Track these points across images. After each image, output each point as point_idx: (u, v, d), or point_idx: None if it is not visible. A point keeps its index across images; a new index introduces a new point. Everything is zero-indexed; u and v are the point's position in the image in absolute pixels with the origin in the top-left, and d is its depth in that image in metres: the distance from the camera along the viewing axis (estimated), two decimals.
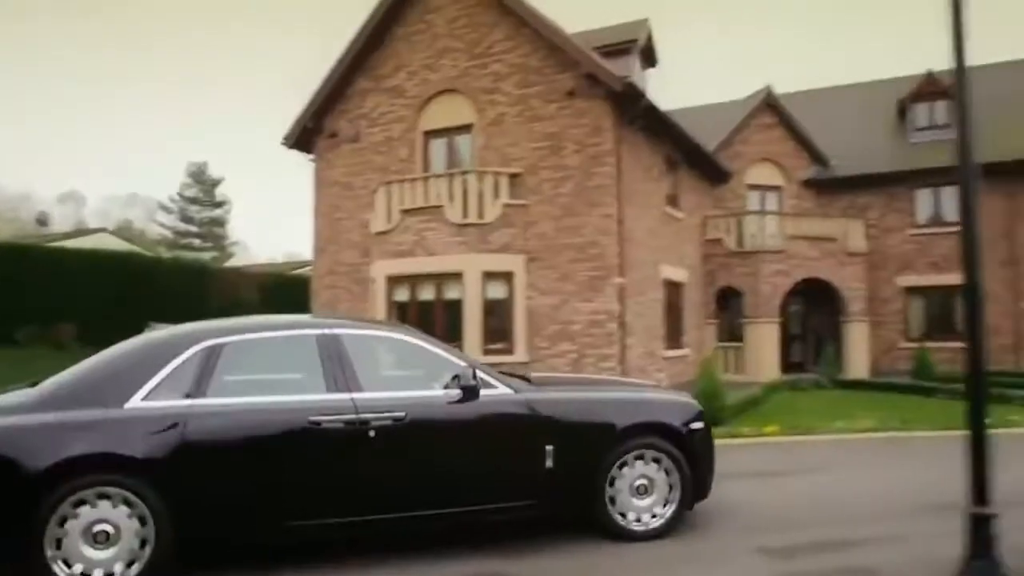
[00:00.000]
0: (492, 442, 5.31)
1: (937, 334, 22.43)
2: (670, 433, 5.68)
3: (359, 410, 4.94)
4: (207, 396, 4.79)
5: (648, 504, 5.57)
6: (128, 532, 4.48)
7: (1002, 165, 21.36)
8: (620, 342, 14.53)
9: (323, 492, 4.91)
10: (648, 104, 15.15)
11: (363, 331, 5.53)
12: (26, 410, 4.57)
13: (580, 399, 5.71)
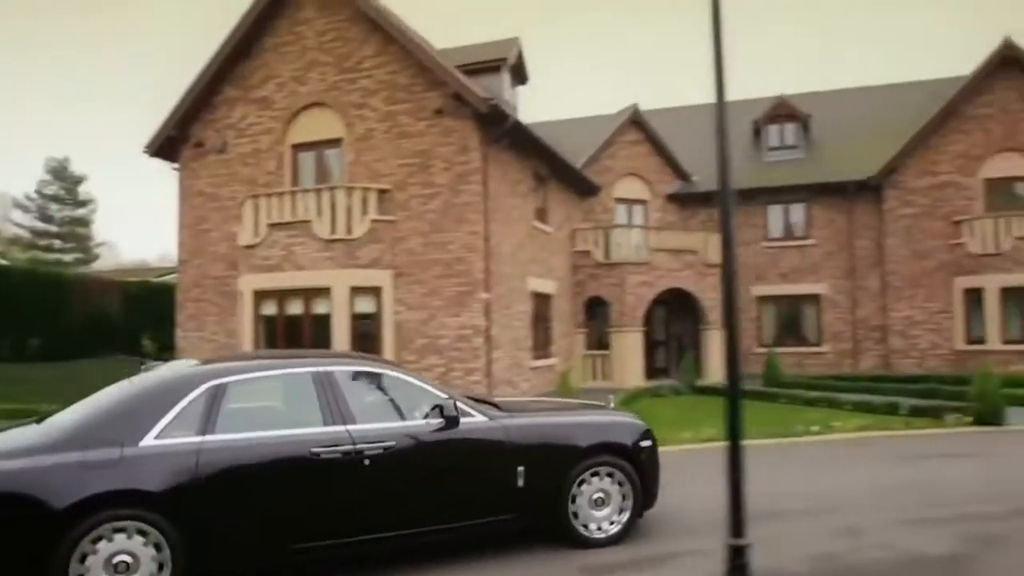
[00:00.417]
0: (471, 465, 5.86)
1: (786, 339, 24.14)
2: (623, 451, 6.33)
3: (355, 441, 5.40)
4: (216, 432, 5.12)
5: (605, 514, 6.20)
6: (147, 562, 4.76)
7: (843, 184, 23.21)
8: (486, 355, 14.96)
9: (324, 517, 5.32)
10: (514, 124, 15.64)
11: (353, 367, 5.96)
12: (47, 450, 4.76)
13: (546, 423, 6.36)
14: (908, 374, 20.98)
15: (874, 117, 25.31)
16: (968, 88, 22.05)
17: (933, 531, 6.32)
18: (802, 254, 23.93)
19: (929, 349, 22.29)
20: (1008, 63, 21.84)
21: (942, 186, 22.36)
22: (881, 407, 13.98)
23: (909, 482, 8.19)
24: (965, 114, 22.24)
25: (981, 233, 21.24)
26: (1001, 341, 20.89)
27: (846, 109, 26.37)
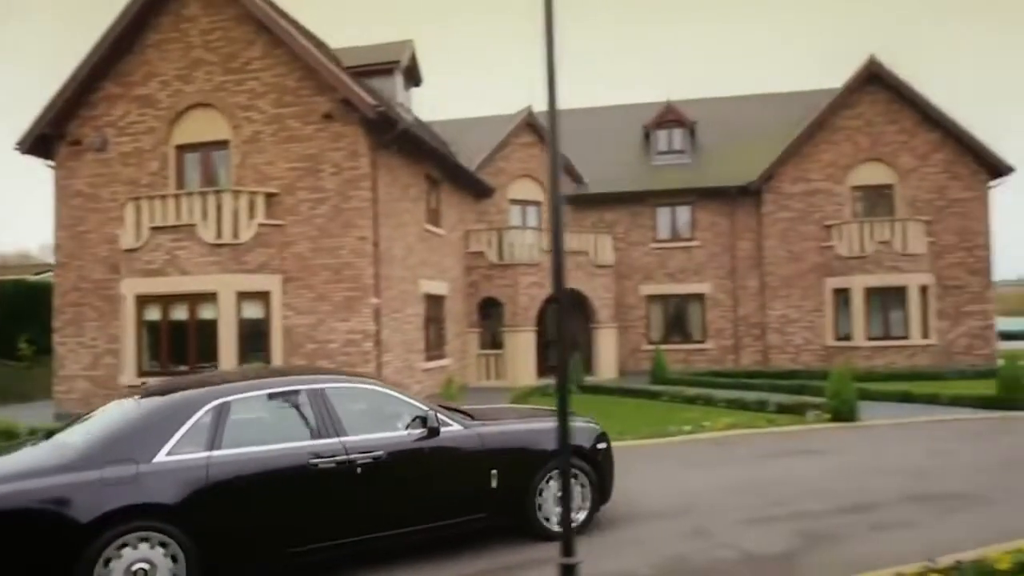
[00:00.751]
0: (451, 470, 6.42)
1: (673, 337, 25.17)
2: (582, 453, 7.00)
3: (348, 451, 5.93)
4: (222, 448, 5.55)
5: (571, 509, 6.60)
6: (163, 569, 5.16)
7: (726, 189, 24.33)
8: (376, 359, 15.08)
9: (321, 521, 5.80)
10: (404, 129, 15.77)
11: (343, 384, 6.46)
12: (68, 469, 5.10)
13: (516, 430, 6.93)
14: (783, 369, 22.30)
15: (756, 125, 26.60)
16: (837, 102, 23.49)
17: (773, 529, 6.91)
18: (688, 255, 24.97)
19: (803, 345, 23.69)
20: (873, 79, 23.39)
21: (814, 192, 23.77)
22: (752, 404, 14.84)
23: (761, 481, 8.85)
24: (835, 126, 23.70)
25: (848, 237, 22.72)
26: (865, 338, 22.42)
27: (731, 116, 27.60)
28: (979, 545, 6.10)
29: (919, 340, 22.22)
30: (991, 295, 23.23)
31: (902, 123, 23.33)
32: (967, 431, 12.08)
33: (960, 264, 22.93)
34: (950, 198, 23.05)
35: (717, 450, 11.05)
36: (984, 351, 22.72)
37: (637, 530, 7.02)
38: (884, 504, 7.70)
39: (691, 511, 7.57)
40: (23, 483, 5.00)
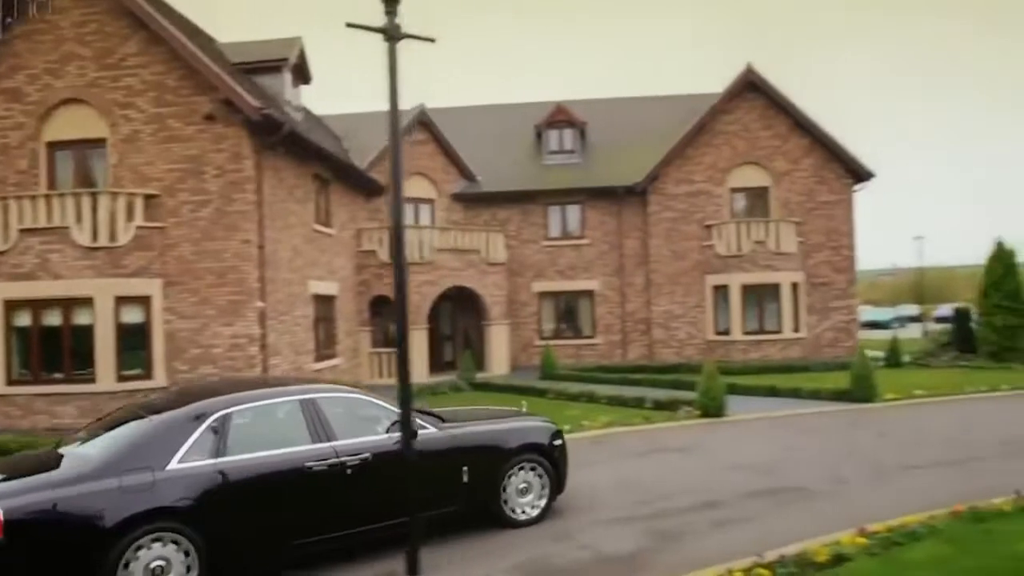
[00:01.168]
0: (428, 468, 6.90)
1: (564, 332, 25.89)
2: (541, 449, 7.86)
3: (338, 454, 6.58)
4: (227, 455, 6.14)
5: (529, 500, 7.73)
6: (177, 565, 5.74)
7: (614, 189, 25.12)
8: (263, 363, 14.97)
9: (317, 517, 6.43)
10: (290, 131, 15.65)
11: (331, 393, 7.13)
12: (91, 478, 5.62)
13: (484, 431, 7.74)
14: (667, 363, 23.31)
15: (644, 126, 27.53)
16: (717, 107, 24.62)
17: (628, 529, 7.43)
18: (578, 252, 25.68)
19: (686, 339, 24.79)
20: (750, 87, 24.63)
21: (696, 193, 24.87)
22: (630, 402, 15.54)
23: (627, 480, 9.40)
24: (715, 130, 24.84)
25: (727, 237, 23.90)
26: (742, 332, 23.69)
27: (620, 117, 28.47)
28: (809, 537, 6.77)
29: (791, 334, 23.64)
30: (854, 291, 24.93)
31: (776, 129, 24.68)
32: (819, 425, 13.09)
33: (827, 263, 24.50)
34: (818, 200, 24.57)
35: (594, 449, 11.56)
36: (848, 343, 24.35)
37: (509, 535, 7.40)
38: (731, 501, 8.35)
39: (562, 514, 8.00)
40: (54, 491, 5.51)
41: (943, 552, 6.20)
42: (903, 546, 6.38)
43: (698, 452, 11.15)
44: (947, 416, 13.55)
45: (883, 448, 11.00)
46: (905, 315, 52.87)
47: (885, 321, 50.34)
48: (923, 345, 24.56)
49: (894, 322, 50.68)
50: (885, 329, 47.60)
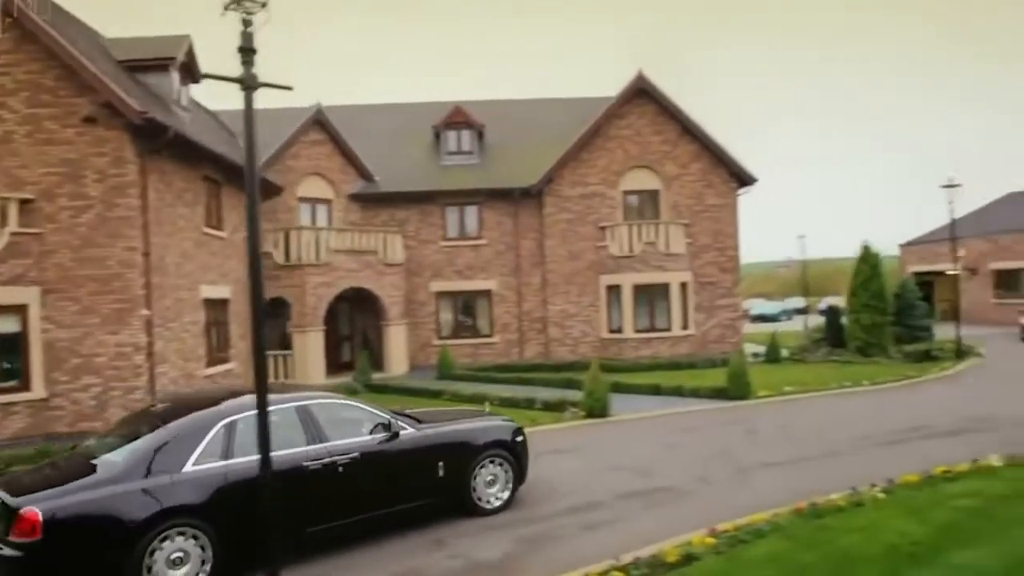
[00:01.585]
0: (409, 464, 8.01)
1: (462, 331, 26.20)
2: (505, 445, 8.84)
3: (331, 454, 7.42)
4: (234, 457, 6.86)
5: (495, 491, 8.68)
6: (194, 556, 6.51)
7: (510, 190, 25.55)
8: (149, 372, 14.68)
9: (312, 510, 7.23)
10: (177, 133, 15.33)
11: (321, 399, 7.90)
12: (115, 481, 6.32)
13: (457, 430, 8.64)
14: (563, 361, 23.94)
15: (542, 128, 28.07)
16: (610, 111, 25.37)
17: (502, 535, 7.81)
18: (476, 253, 26.01)
19: (581, 338, 25.50)
20: (641, 93, 25.47)
21: (591, 196, 25.57)
22: (522, 402, 15.98)
23: None
24: (609, 134, 25.59)
25: (620, 238, 24.69)
26: (634, 330, 24.55)
27: (518, 119, 28.93)
28: (668, 537, 7.31)
29: (680, 331, 24.65)
30: (739, 291, 26.19)
31: (666, 134, 25.62)
32: (695, 424, 13.84)
33: (714, 263, 25.64)
34: (706, 204, 25.67)
35: None
36: (733, 340, 25.59)
37: (384, 546, 7.66)
38: (606, 503, 8.86)
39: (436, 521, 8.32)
40: (83, 495, 6.22)
41: (781, 548, 6.82)
42: (748, 544, 6.97)
43: (579, 454, 11.65)
44: (812, 412, 14.53)
45: (750, 446, 11.78)
46: (792, 308, 55.23)
47: (773, 314, 52.66)
48: (800, 341, 25.99)
49: (782, 315, 53.05)
50: (774, 322, 49.95)
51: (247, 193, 5.33)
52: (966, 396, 15.87)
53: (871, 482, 8.69)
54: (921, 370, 19.48)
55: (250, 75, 5.09)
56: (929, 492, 8.41)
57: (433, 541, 7.74)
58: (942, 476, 8.99)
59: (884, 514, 7.68)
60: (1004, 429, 12.18)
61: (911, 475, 8.94)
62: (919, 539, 6.86)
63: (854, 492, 8.36)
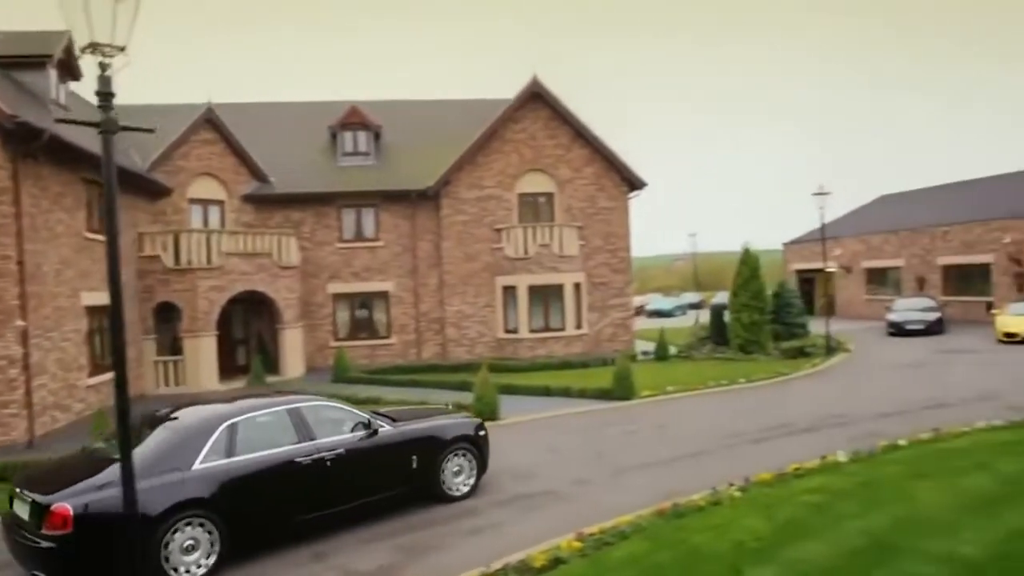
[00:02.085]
0: (386, 458, 9.01)
1: (359, 333, 26.18)
2: (469, 438, 9.90)
3: (319, 450, 8.36)
4: (236, 455, 7.77)
5: (461, 480, 9.73)
6: (204, 543, 7.36)
7: (407, 192, 25.67)
8: (25, 385, 14.20)
9: (303, 500, 8.16)
10: (53, 136, 14.81)
11: (309, 402, 8.84)
12: (139, 478, 6.33)
13: (428, 427, 9.66)
14: (459, 362, 24.29)
15: (439, 130, 28.26)
16: (506, 115, 25.82)
17: (377, 546, 8.09)
18: (372, 254, 26.02)
19: (477, 338, 25.91)
20: (536, 98, 26.03)
21: (487, 198, 25.98)
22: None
23: None
24: (504, 137, 26.05)
25: (515, 240, 25.20)
26: (529, 330, 25.13)
27: (416, 121, 29.03)
28: (542, 541, 7.75)
29: (573, 331, 25.39)
30: (630, 291, 27.15)
31: (560, 139, 26.27)
32: (580, 425, 14.41)
33: (606, 264, 26.50)
34: (598, 206, 26.48)
35: None
36: (625, 338, 26.54)
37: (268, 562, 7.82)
38: (486, 509, 9.24)
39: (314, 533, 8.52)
40: (106, 492, 6.83)
41: (640, 549, 7.35)
42: (612, 546, 7.48)
43: None
44: (689, 412, 15.34)
45: (628, 447, 12.40)
46: (687, 303, 57.18)
47: (669, 310, 54.37)
48: (688, 339, 27.14)
49: (677, 310, 54.82)
50: (670, 317, 51.67)
51: (107, 239, 5.38)
52: (829, 392, 17.03)
53: (730, 481, 9.41)
54: (794, 366, 20.75)
55: (109, 119, 5.16)
56: (780, 489, 9.15)
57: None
58: (793, 473, 9.78)
59: (737, 512, 8.35)
60: (858, 424, 13.25)
61: (765, 473, 9.71)
62: (763, 535, 7.53)
63: (714, 492, 9.02)
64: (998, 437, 11.30)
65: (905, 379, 18.24)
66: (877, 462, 10.26)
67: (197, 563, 7.30)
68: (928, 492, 8.75)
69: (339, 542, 8.28)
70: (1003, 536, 7.27)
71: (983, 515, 7.89)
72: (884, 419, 13.51)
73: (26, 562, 7.07)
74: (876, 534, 7.46)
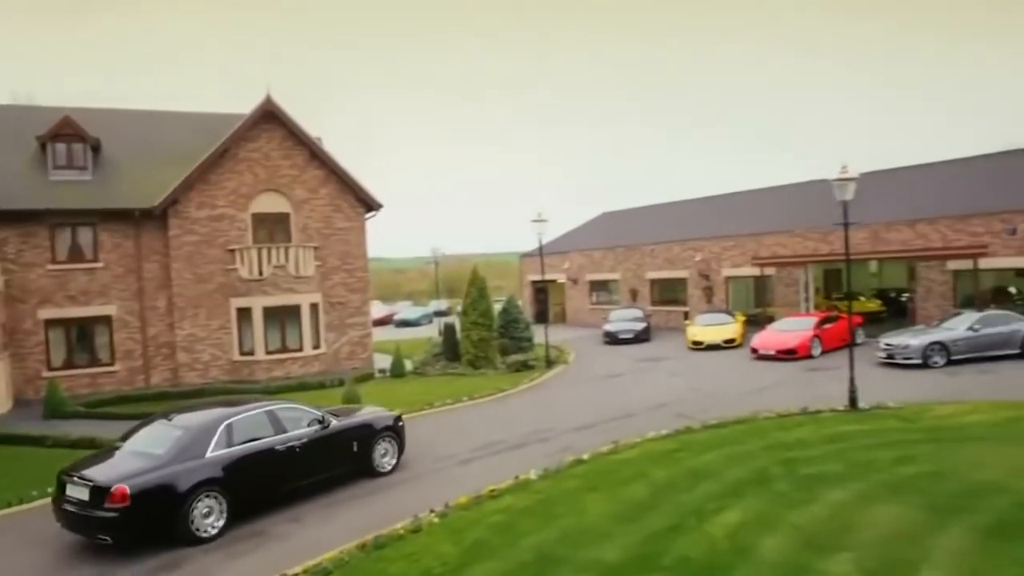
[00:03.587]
0: (336, 444, 12.08)
1: (78, 361, 24.40)
2: (392, 428, 13.18)
3: (289, 441, 11.30)
4: (234, 446, 10.62)
5: (387, 459, 13.00)
6: (217, 507, 10.17)
7: (131, 211, 24.37)
8: None
9: (281, 476, 11.14)
10: None
11: (279, 404, 11.91)
12: (167, 463, 9.88)
13: (364, 420, 12.94)
14: (193, 386, 23.60)
15: (166, 144, 27.04)
16: (239, 133, 25.39)
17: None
18: (92, 276, 24.35)
19: (211, 361, 25.22)
20: (270, 117, 25.85)
21: (219, 218, 25.36)
22: None
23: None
24: (238, 156, 25.60)
25: (249, 261, 24.88)
26: (265, 352, 24.95)
27: (140, 133, 27.54)
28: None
29: (311, 351, 25.58)
30: (368, 309, 27.83)
31: (295, 159, 26.32)
32: None
33: (343, 284, 26.97)
34: (335, 227, 26.88)
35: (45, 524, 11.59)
36: (363, 356, 27.17)
37: None
38: (194, 554, 9.48)
39: None
40: (154, 473, 9.70)
41: None
42: None
43: None
44: (411, 434, 16.15)
45: None
46: (433, 312, 58.49)
47: (415, 319, 55.58)
48: (423, 354, 28.28)
49: (423, 319, 56.07)
50: (416, 327, 52.85)
51: None
52: (541, 407, 18.75)
53: (432, 507, 10.41)
54: (516, 380, 22.56)
55: None
56: (474, 512, 10.29)
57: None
58: (489, 495, 10.98)
59: (433, 539, 9.34)
60: (558, 438, 14.90)
61: (463, 497, 10.84)
62: (450, 560, 8.57)
63: (415, 519, 9.96)
64: (662, 446, 13.36)
65: (606, 390, 20.58)
66: (562, 477, 11.78)
67: (212, 525, 10.12)
68: (595, 504, 10.32)
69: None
70: (641, 539, 8.88)
71: (632, 521, 9.52)
72: (580, 432, 15.31)
73: (86, 530, 9.63)
74: (544, 549, 8.77)
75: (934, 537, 8.21)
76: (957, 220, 25.41)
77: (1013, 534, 8.13)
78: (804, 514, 9.22)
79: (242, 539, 10.16)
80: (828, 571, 7.57)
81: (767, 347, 24.14)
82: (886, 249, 27.53)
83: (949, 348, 20.35)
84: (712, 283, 34.38)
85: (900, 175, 33.00)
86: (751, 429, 14.20)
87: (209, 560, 9.48)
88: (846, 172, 15.35)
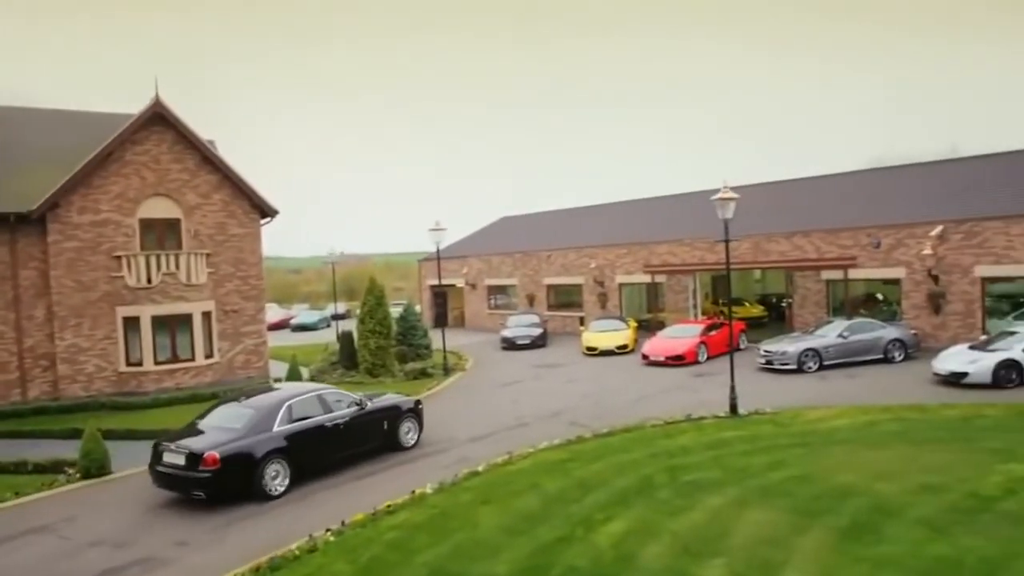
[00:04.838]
0: (371, 423, 14.85)
1: None
2: (413, 409, 15.93)
3: (336, 420, 14.11)
4: (294, 422, 13.36)
5: (411, 436, 15.70)
6: (282, 471, 12.91)
7: (5, 216, 23.12)
8: None
9: (332, 448, 13.99)
10: None
11: (326, 389, 14.82)
12: (245, 436, 12.63)
13: (394, 402, 15.64)
14: (76, 398, 22.67)
15: (45, 145, 25.74)
16: (125, 135, 24.43)
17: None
18: None
19: (96, 373, 24.18)
20: (159, 119, 25.02)
21: (104, 223, 24.35)
22: (9, 466, 14.95)
23: None
24: (124, 159, 24.63)
25: (137, 268, 24.03)
26: (154, 362, 24.14)
27: (15, 132, 26.10)
28: None
29: (203, 360, 24.91)
30: (263, 317, 27.32)
31: (186, 163, 25.55)
32: None
33: (237, 291, 26.36)
34: (229, 233, 26.25)
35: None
36: (259, 364, 26.66)
37: None
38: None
39: None
40: (237, 443, 12.45)
41: None
42: None
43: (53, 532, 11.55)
44: None
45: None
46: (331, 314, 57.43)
47: (313, 323, 54.61)
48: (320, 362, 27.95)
49: (321, 323, 55.10)
50: (314, 330, 51.95)
51: None
52: (438, 416, 18.70)
53: (327, 526, 10.49)
54: (414, 389, 22.59)
55: None
56: (371, 529, 10.45)
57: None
58: (386, 511, 11.15)
59: (328, 558, 9.45)
60: (454, 449, 15.20)
61: (360, 514, 10.96)
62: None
63: (310, 539, 10.03)
64: (554, 456, 13.85)
65: (503, 398, 20.99)
66: (457, 490, 12.07)
67: (280, 484, 12.72)
68: (488, 516, 10.65)
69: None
70: (531, 551, 9.26)
71: (522, 534, 9.89)
72: (476, 443, 15.65)
73: (183, 488, 12.31)
74: (437, 564, 9.04)
75: (797, 539, 8.94)
76: (828, 233, 27.20)
77: (865, 535, 8.94)
78: (684, 521, 9.83)
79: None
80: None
81: (656, 353, 25.11)
82: (766, 259, 29.12)
83: (821, 354, 21.80)
84: (606, 289, 35.40)
85: (782, 188, 34.93)
86: (639, 437, 14.89)
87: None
88: (727, 192, 16.29)
